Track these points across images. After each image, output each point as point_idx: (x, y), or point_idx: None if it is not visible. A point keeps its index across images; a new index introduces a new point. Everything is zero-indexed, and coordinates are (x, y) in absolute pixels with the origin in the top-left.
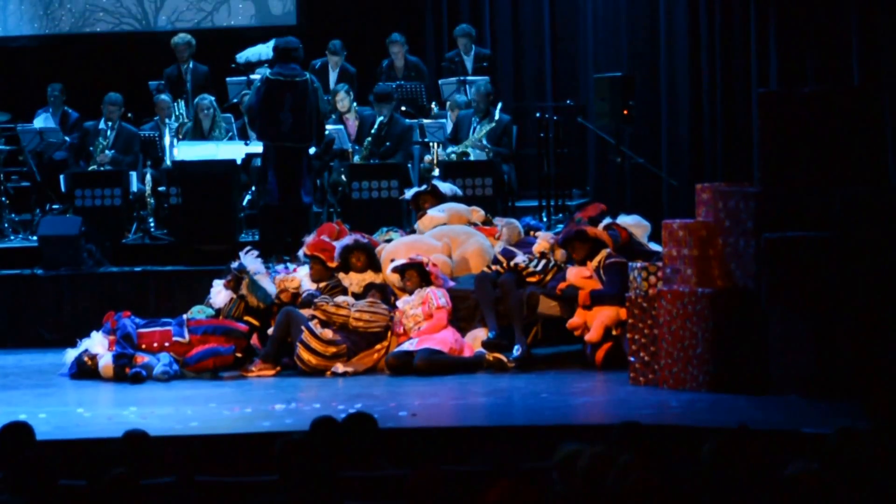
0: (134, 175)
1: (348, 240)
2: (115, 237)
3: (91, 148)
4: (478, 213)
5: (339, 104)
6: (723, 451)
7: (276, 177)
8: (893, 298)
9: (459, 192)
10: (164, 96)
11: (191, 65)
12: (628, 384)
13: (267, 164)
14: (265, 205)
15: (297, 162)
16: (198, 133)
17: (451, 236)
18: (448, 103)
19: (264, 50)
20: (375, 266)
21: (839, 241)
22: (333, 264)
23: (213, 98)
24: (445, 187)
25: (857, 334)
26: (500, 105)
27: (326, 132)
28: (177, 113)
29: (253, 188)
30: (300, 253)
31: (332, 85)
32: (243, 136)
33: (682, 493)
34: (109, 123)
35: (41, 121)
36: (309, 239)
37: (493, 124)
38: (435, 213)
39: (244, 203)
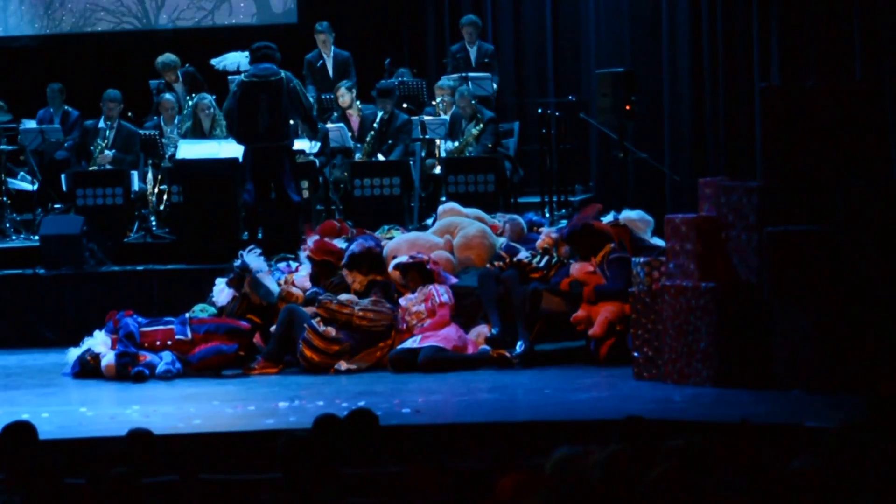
0: (135, 174)
1: (357, 247)
2: (117, 236)
3: (91, 147)
4: (496, 225)
5: (341, 100)
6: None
7: (252, 178)
8: (894, 292)
9: (486, 216)
10: (168, 95)
11: (181, 73)
12: (632, 379)
13: (246, 166)
14: (243, 204)
15: (278, 161)
16: (198, 132)
17: (453, 225)
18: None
19: (242, 60)
20: (380, 267)
21: (842, 234)
22: (340, 266)
23: (212, 97)
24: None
25: (860, 328)
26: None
27: (321, 127)
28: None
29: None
30: (302, 253)
31: (331, 74)
32: None
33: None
34: (108, 123)
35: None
36: (311, 242)
37: (481, 125)
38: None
39: None
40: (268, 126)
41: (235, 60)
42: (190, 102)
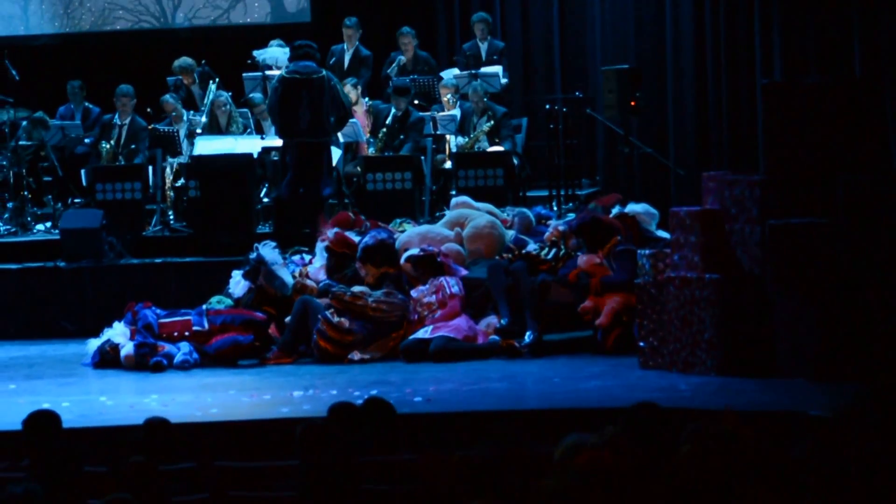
0: (151, 168)
1: (370, 240)
2: (136, 230)
3: (103, 143)
4: (506, 219)
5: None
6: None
7: (291, 172)
8: (894, 282)
9: (496, 210)
10: (168, 97)
11: (197, 74)
12: (638, 368)
13: (285, 160)
14: (276, 198)
15: (317, 157)
16: (215, 129)
17: (463, 216)
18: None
19: (281, 56)
20: (392, 260)
21: (842, 226)
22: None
23: (228, 94)
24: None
25: (861, 318)
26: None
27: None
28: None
29: (267, 184)
30: (320, 244)
31: (345, 68)
32: (259, 131)
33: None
34: (121, 118)
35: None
36: (330, 233)
37: (492, 122)
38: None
39: (261, 195)
40: (310, 122)
41: (274, 55)
42: (210, 96)
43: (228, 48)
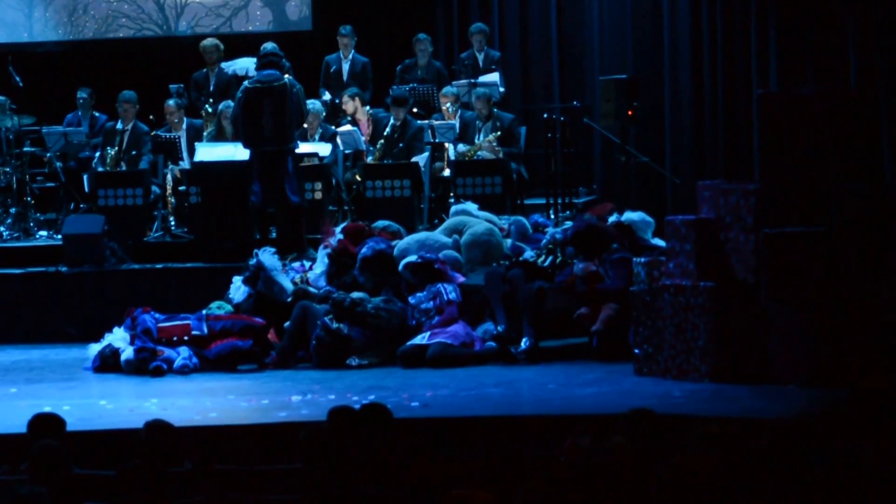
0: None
1: (368, 251)
2: (137, 235)
3: (108, 148)
4: (503, 228)
5: (344, 107)
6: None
7: (259, 180)
8: (887, 290)
9: (495, 219)
10: (171, 101)
11: (216, 69)
12: (633, 375)
13: (252, 169)
14: (251, 205)
15: (281, 164)
16: (221, 139)
17: (461, 223)
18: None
19: (250, 65)
20: (391, 267)
21: (835, 236)
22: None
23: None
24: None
25: (854, 325)
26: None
27: (331, 130)
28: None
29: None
30: (322, 249)
31: (345, 78)
32: None
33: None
34: (123, 124)
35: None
36: (333, 241)
37: (500, 132)
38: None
39: None
40: (272, 130)
41: (244, 65)
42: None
43: (230, 57)
